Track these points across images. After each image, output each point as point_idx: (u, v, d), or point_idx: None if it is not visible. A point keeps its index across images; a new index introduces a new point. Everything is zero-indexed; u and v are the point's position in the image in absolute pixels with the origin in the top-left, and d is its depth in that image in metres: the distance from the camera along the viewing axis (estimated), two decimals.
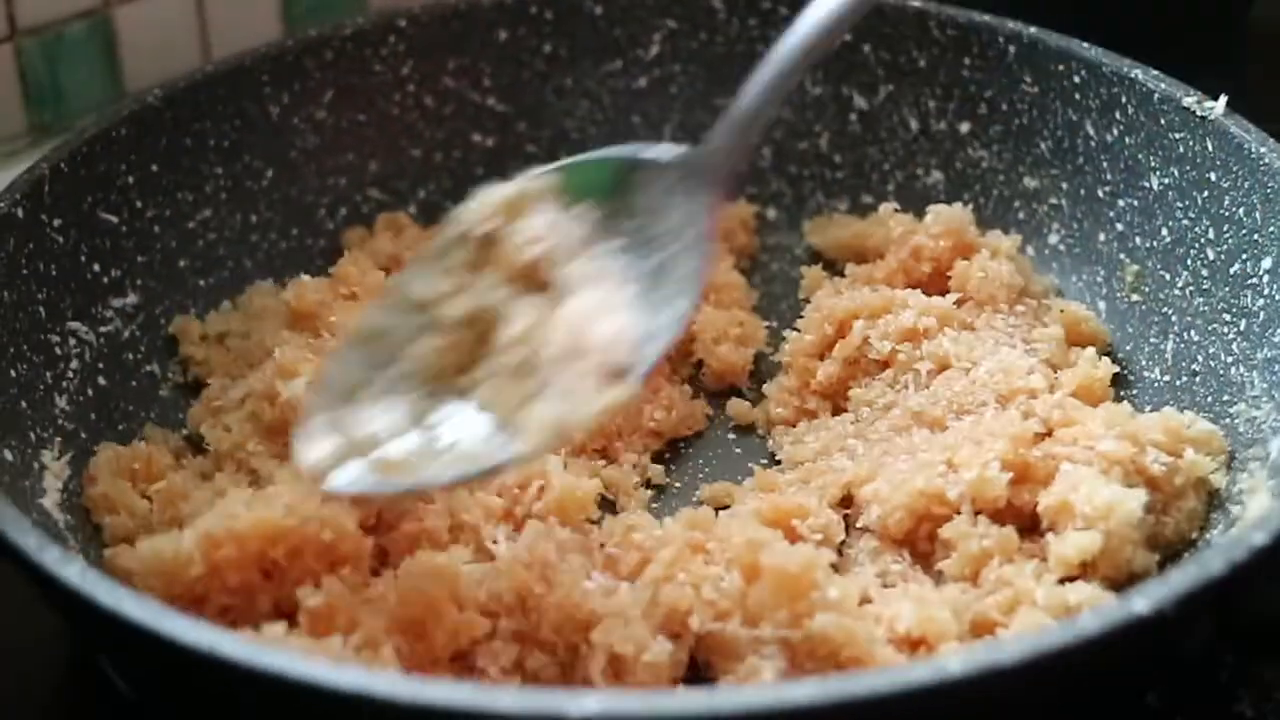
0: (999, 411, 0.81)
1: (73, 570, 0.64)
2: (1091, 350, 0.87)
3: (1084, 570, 0.74)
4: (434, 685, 0.59)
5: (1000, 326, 0.89)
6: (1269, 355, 0.81)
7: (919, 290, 0.90)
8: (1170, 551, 0.78)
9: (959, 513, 0.77)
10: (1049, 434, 0.80)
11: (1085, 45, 0.94)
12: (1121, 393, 0.87)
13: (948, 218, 0.93)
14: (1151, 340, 0.90)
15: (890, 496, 0.79)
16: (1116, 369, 0.87)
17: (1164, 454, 0.78)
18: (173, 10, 1.06)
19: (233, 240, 0.97)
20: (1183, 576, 0.63)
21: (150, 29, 1.05)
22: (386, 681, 0.58)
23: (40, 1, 1.01)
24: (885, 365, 0.87)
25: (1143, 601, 0.62)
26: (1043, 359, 0.86)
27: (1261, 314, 0.83)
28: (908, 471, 0.80)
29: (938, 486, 0.77)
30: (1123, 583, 0.75)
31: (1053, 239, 0.97)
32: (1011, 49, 0.97)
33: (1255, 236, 0.84)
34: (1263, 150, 0.84)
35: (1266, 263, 0.83)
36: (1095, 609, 0.69)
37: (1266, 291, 0.83)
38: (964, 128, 1.00)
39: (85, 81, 1.04)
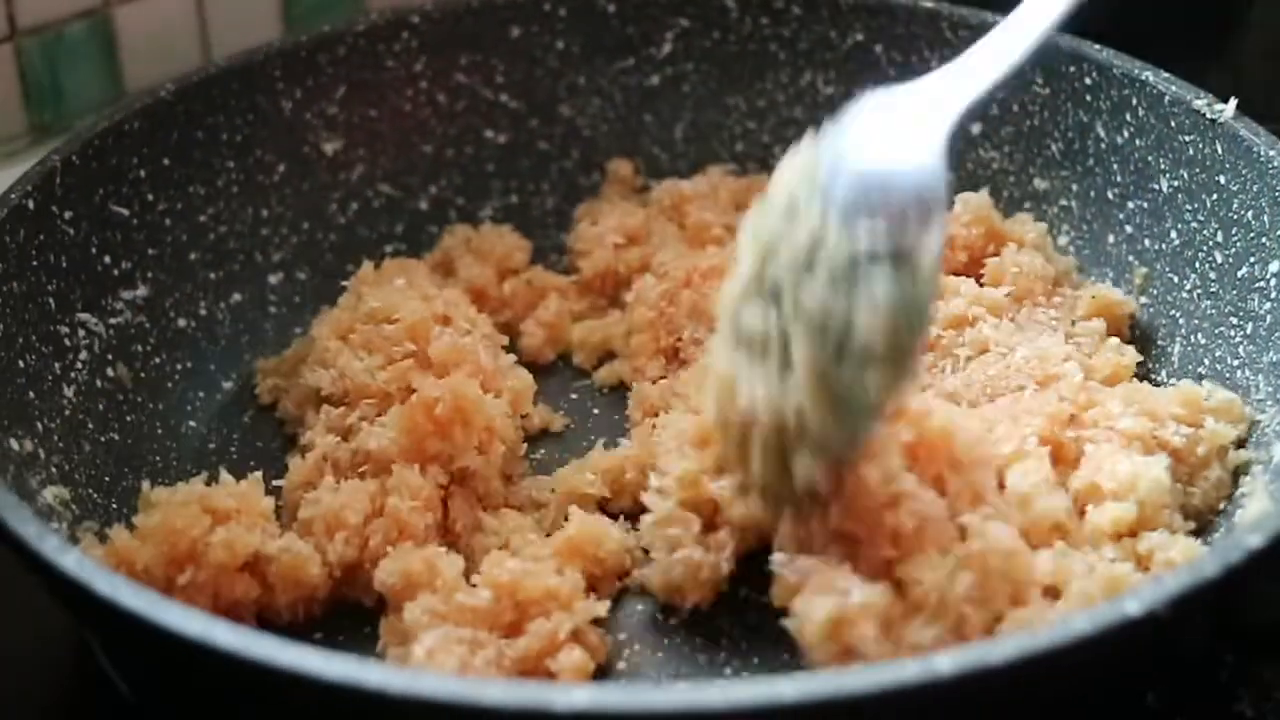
0: (1037, 392, 0.82)
1: (71, 559, 0.65)
2: (1115, 340, 0.87)
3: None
4: (423, 677, 0.59)
5: (1043, 320, 0.89)
6: (1275, 359, 0.81)
7: (972, 280, 0.90)
8: (1203, 521, 0.79)
9: None
10: (1073, 417, 0.80)
11: (1096, 47, 0.94)
12: None
13: (975, 205, 0.93)
14: (1159, 343, 0.90)
15: None
16: (1140, 357, 0.87)
17: (1184, 426, 0.79)
18: (173, 10, 1.06)
19: (243, 234, 0.97)
20: (1177, 578, 0.63)
21: (150, 29, 1.05)
22: (376, 673, 0.58)
23: (40, 1, 1.01)
24: (929, 349, 0.87)
25: (1135, 603, 0.62)
26: (1085, 353, 0.86)
27: (1268, 318, 0.82)
28: None
29: None
30: None
31: (1062, 240, 0.96)
32: None
33: (1263, 240, 0.84)
34: (1272, 154, 0.84)
35: (1274, 266, 0.82)
36: (1090, 611, 0.68)
37: (1274, 295, 0.82)
38: (974, 129, 0.99)
39: (85, 81, 1.05)
